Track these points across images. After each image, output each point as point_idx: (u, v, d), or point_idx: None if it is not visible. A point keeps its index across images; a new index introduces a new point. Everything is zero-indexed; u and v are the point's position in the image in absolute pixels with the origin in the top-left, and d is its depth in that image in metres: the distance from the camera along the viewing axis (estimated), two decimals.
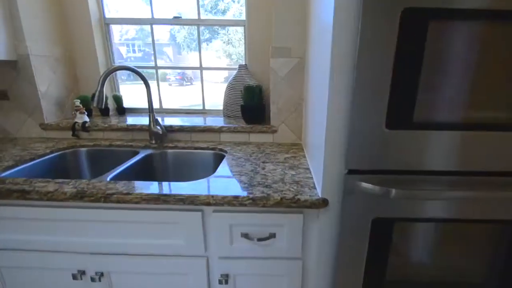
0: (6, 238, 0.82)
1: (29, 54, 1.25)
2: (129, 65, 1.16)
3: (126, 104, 1.66)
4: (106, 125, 1.33)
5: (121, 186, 0.76)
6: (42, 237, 0.81)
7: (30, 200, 0.74)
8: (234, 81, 1.47)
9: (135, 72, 1.17)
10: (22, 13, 1.22)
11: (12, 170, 0.96)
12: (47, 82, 1.35)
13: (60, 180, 0.80)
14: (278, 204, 0.71)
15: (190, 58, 1.84)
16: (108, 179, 0.85)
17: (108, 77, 1.07)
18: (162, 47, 1.48)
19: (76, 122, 1.34)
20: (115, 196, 0.70)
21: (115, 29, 1.64)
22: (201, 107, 1.69)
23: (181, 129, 1.32)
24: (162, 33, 1.42)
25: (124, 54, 2.23)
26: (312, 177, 0.86)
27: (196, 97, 1.70)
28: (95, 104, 1.01)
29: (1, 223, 0.81)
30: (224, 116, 1.56)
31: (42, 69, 1.32)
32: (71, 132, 1.35)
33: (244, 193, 0.73)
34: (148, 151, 1.21)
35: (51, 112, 1.39)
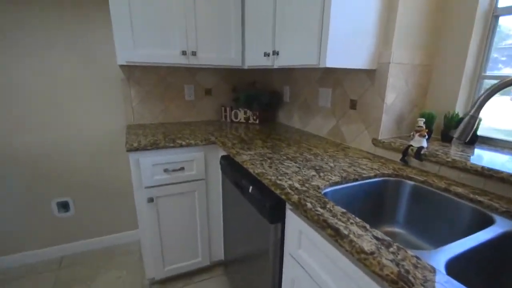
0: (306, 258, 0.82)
1: (390, 62, 1.20)
2: None
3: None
4: (448, 159, 1.01)
5: None
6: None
7: (341, 247, 0.63)
8: None
9: None
10: (400, 14, 1.16)
11: (336, 187, 0.96)
12: (395, 93, 1.27)
13: (380, 236, 0.62)
14: None
15: None
16: (443, 267, 0.55)
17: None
18: None
19: (410, 146, 1.15)
20: None
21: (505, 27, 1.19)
22: None
23: None
24: None
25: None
26: None
27: None
28: (456, 135, 0.72)
29: (309, 244, 0.81)
30: None
31: (396, 79, 1.24)
32: (400, 156, 1.19)
33: None
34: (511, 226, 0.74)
35: (388, 128, 1.31)
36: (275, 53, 1.48)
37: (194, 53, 1.72)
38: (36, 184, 1.84)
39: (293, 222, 0.89)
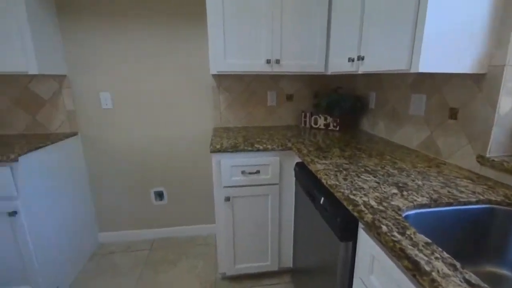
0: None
1: (506, 65, 0.98)
2: None
3: None
4: None
5: None
6: None
7: (420, 285, 0.53)
8: None
9: None
10: None
11: (421, 211, 0.83)
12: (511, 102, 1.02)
13: (473, 280, 0.50)
14: None
15: None
16: None
17: None
18: None
19: None
20: None
21: None
22: None
23: None
24: None
25: None
26: None
27: None
28: None
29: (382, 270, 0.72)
30: None
31: None
32: None
33: None
34: None
35: (500, 143, 1.07)
36: (360, 58, 1.38)
37: (278, 61, 1.75)
38: (141, 174, 2.18)
39: (366, 244, 0.80)
